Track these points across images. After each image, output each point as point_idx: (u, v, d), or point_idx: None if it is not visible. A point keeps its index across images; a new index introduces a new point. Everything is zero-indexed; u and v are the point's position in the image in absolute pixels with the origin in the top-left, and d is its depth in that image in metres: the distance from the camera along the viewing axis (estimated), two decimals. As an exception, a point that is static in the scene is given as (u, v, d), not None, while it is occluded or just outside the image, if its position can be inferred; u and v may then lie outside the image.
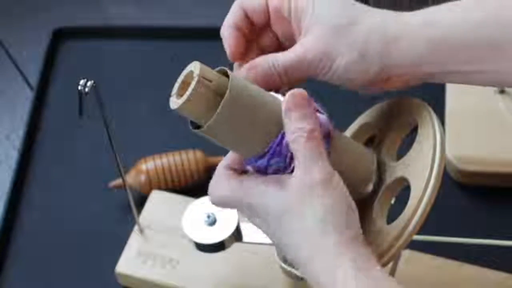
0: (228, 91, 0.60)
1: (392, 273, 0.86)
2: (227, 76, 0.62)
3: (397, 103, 0.70)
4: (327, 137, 0.64)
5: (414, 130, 0.68)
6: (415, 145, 0.67)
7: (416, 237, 0.84)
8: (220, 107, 0.60)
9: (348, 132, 0.74)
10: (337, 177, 0.61)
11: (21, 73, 1.14)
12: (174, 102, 0.61)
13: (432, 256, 0.89)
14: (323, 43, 0.63)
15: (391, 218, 0.67)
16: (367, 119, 0.73)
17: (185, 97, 0.60)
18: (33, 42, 1.18)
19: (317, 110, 0.64)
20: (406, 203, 0.65)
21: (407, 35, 0.62)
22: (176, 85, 0.62)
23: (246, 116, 0.61)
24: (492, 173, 0.96)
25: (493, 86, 0.69)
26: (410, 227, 0.64)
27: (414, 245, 0.87)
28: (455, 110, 0.99)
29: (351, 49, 0.63)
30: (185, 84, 0.61)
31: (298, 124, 0.61)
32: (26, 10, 1.22)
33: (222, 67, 0.63)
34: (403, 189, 0.68)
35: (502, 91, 1.00)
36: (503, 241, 0.87)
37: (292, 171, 0.62)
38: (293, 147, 0.61)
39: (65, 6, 1.21)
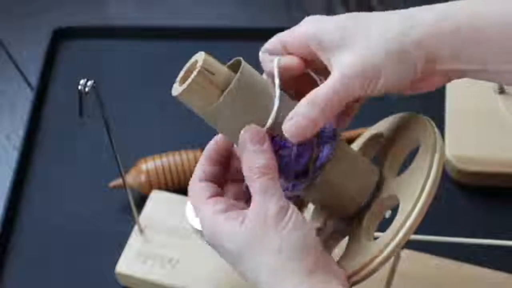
0: (236, 79, 0.61)
1: (392, 273, 0.86)
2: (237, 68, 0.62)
3: (406, 118, 0.70)
4: (333, 139, 0.64)
5: (418, 148, 0.67)
6: (413, 164, 0.66)
7: (416, 237, 0.84)
8: (225, 92, 0.61)
9: (360, 140, 0.74)
10: (291, 209, 0.62)
11: (21, 73, 1.14)
12: (175, 89, 0.62)
13: (432, 256, 0.89)
14: (361, 59, 0.61)
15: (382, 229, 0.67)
16: (380, 129, 0.72)
17: (184, 85, 0.61)
18: (33, 42, 1.18)
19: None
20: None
21: (440, 29, 0.61)
22: (182, 72, 0.63)
23: (250, 105, 0.62)
24: (492, 173, 0.96)
25: None
26: (389, 248, 0.63)
27: (414, 245, 0.87)
28: (455, 110, 0.99)
29: (391, 53, 0.61)
30: (189, 73, 0.62)
31: (250, 162, 0.62)
32: (26, 10, 1.22)
33: (238, 58, 0.63)
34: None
35: (502, 91, 1.00)
36: (503, 241, 0.87)
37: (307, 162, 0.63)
38: (249, 183, 0.63)
39: (65, 6, 1.21)
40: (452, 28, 0.60)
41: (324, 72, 0.65)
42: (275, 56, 0.65)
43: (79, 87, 0.74)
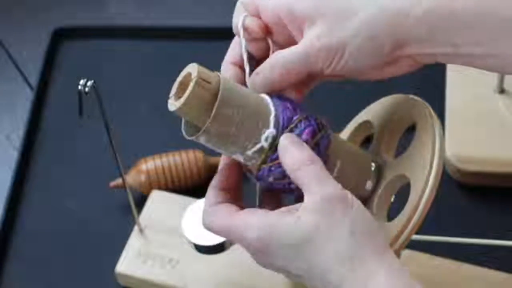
0: (218, 98, 0.60)
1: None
2: None
3: (396, 101, 0.71)
4: (327, 146, 0.64)
5: (413, 127, 0.68)
6: (414, 142, 0.67)
7: (416, 237, 0.84)
8: (212, 114, 0.60)
9: (348, 130, 0.75)
10: (350, 193, 0.60)
11: (21, 73, 1.14)
12: (172, 104, 0.61)
13: (432, 256, 0.89)
14: (329, 32, 0.62)
15: (390, 216, 0.67)
16: (366, 117, 0.73)
17: (183, 99, 0.60)
18: (33, 42, 1.18)
19: (307, 116, 0.64)
20: (404, 201, 0.65)
21: (414, 11, 0.60)
22: (174, 87, 0.62)
23: (237, 119, 0.61)
24: (492, 173, 0.96)
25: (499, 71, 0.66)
26: (411, 225, 0.64)
27: (414, 245, 0.87)
28: (455, 110, 0.99)
29: (360, 32, 0.61)
30: (183, 86, 0.61)
31: (296, 157, 0.61)
32: (26, 10, 1.22)
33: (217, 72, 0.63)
34: (402, 188, 0.68)
35: (502, 91, 1.00)
36: (503, 241, 0.87)
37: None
38: (298, 176, 0.61)
39: (65, 6, 1.21)
40: (424, 11, 0.60)
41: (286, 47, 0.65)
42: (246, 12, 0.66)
43: (79, 87, 0.74)
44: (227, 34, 1.14)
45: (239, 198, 0.66)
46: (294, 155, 0.61)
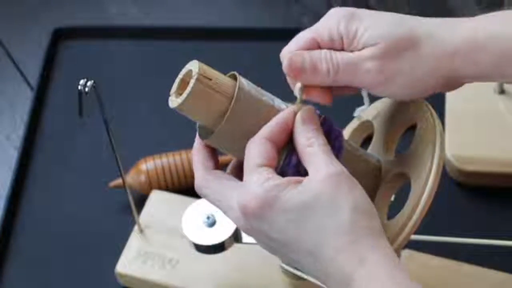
0: (234, 98, 0.61)
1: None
2: (234, 78, 0.62)
3: (396, 101, 0.71)
4: (340, 149, 0.65)
5: (413, 126, 0.68)
6: (414, 141, 0.67)
7: (416, 237, 0.84)
8: (227, 114, 0.60)
9: (348, 130, 0.75)
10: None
11: (21, 73, 1.14)
12: (173, 101, 0.62)
13: (432, 256, 0.89)
14: (385, 58, 0.62)
15: (390, 215, 0.67)
16: (366, 116, 0.73)
17: (184, 95, 0.60)
18: (33, 42, 1.18)
19: (331, 125, 0.65)
20: (404, 200, 0.65)
21: (476, 49, 0.62)
22: (175, 84, 0.62)
23: (252, 123, 0.62)
24: (492, 173, 0.96)
25: None
26: (410, 223, 0.64)
27: (414, 245, 0.87)
28: (455, 110, 0.99)
29: (416, 67, 0.62)
30: (184, 83, 0.61)
31: (315, 133, 0.62)
32: (26, 10, 1.22)
33: (233, 72, 0.63)
34: (403, 187, 0.68)
35: (502, 92, 1.00)
36: (503, 241, 0.87)
37: None
38: (309, 151, 0.61)
39: (65, 6, 1.21)
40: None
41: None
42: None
43: (79, 87, 0.74)
44: (227, 34, 1.15)
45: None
46: (309, 134, 0.62)
